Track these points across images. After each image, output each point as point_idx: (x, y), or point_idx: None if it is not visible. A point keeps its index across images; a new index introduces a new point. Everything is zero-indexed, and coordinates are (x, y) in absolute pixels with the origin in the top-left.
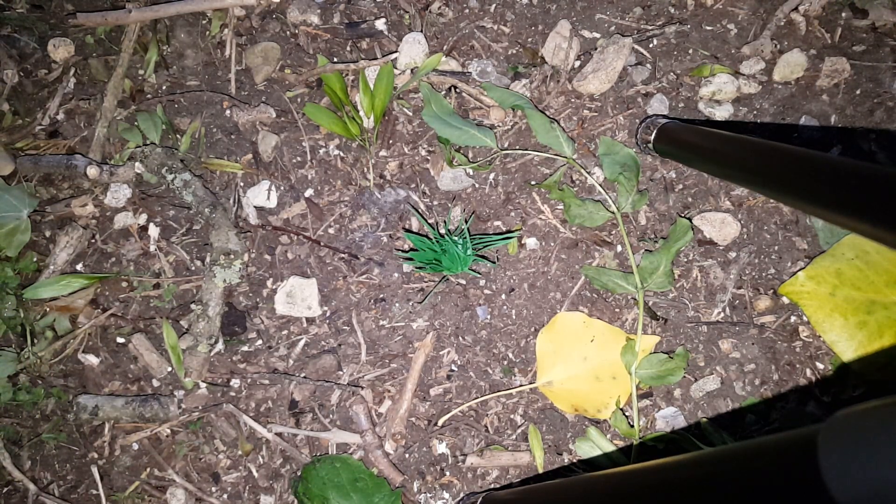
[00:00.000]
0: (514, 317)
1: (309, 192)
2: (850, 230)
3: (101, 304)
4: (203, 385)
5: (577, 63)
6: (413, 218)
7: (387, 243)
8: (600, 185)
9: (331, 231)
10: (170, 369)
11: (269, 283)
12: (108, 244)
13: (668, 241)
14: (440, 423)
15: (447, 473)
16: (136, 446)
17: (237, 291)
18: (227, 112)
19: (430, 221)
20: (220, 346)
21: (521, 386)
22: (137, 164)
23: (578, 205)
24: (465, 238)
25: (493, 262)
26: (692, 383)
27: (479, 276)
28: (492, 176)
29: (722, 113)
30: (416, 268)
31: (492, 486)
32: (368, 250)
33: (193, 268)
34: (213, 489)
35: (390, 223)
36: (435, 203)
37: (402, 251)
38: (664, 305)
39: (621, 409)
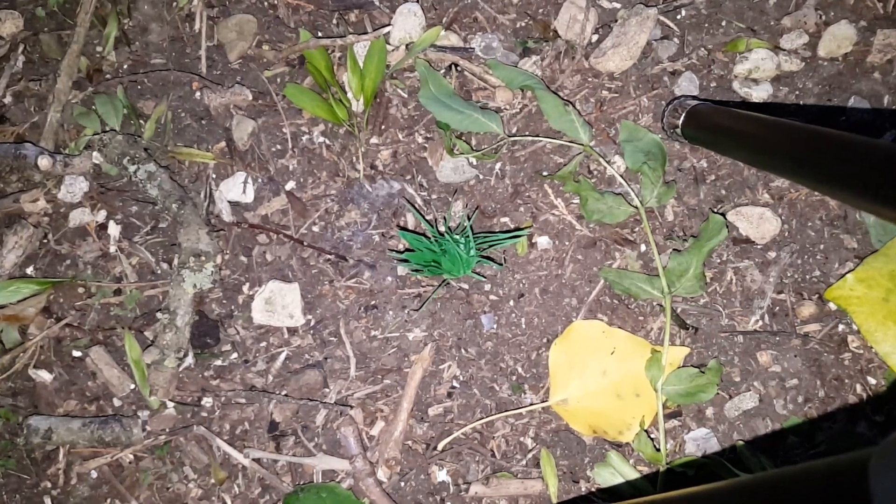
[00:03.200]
0: (523, 326)
1: (290, 185)
2: None
3: (54, 312)
4: (171, 405)
5: (595, 37)
6: (409, 214)
7: (379, 243)
8: (621, 176)
9: (315, 229)
10: (133, 387)
11: (245, 288)
12: (62, 245)
13: (699, 239)
14: (440, 446)
15: None
16: (94, 474)
17: (209, 298)
18: (197, 94)
19: (427, 218)
20: (189, 360)
21: (531, 405)
22: (95, 153)
23: (597, 198)
24: (468, 237)
25: (500, 265)
26: (726, 401)
27: (483, 279)
28: (498, 166)
29: (759, 93)
30: (413, 271)
31: None
32: (358, 251)
33: (159, 271)
34: None
35: (383, 220)
36: (433, 197)
37: (397, 252)
38: (694, 312)
39: (646, 431)
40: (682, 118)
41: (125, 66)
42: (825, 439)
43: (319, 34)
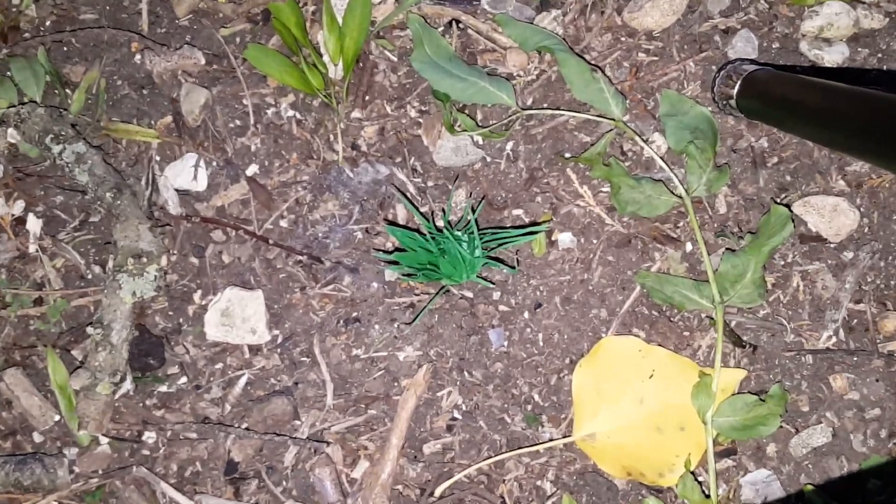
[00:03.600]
0: (541, 343)
1: (252, 170)
2: None
3: None
4: (104, 440)
5: None
6: (399, 205)
7: (362, 241)
8: (662, 159)
9: (283, 224)
10: (57, 418)
11: (196, 297)
12: None
13: (758, 236)
14: (438, 492)
15: None
16: None
17: (152, 309)
18: (138, 57)
19: (422, 210)
20: (128, 385)
21: (551, 440)
22: (11, 130)
23: (632, 186)
24: (472, 233)
25: (513, 268)
26: (792, 436)
27: (491, 286)
28: (509, 146)
29: (833, 56)
30: (404, 275)
31: None
32: (336, 251)
33: (90, 276)
34: None
35: (367, 213)
36: (430, 184)
37: (384, 252)
38: (752, 326)
39: (692, 473)
40: (737, 87)
41: (48, 23)
42: None
43: None
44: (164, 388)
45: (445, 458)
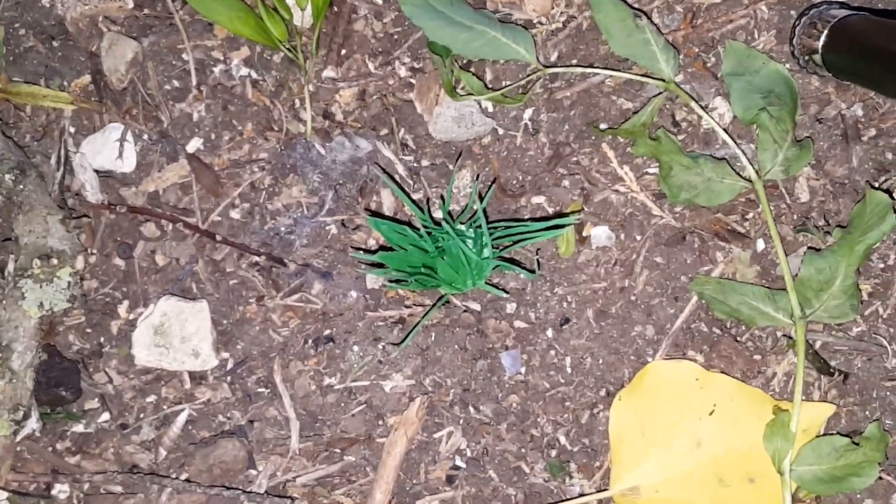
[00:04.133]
0: (568, 370)
1: (195, 145)
2: None
3: None
4: (3, 496)
5: None
6: (385, 191)
7: (336, 237)
8: (726, 131)
9: (235, 215)
10: None
11: (122, 309)
12: None
13: (851, 231)
14: None
15: None
16: None
17: (65, 325)
18: None
19: (415, 197)
20: (33, 423)
21: (582, 496)
22: None
23: (686, 166)
24: (481, 227)
25: (532, 272)
26: (894, 490)
27: (505, 296)
28: (528, 114)
29: None
30: (391, 282)
31: None
32: (304, 249)
33: None
34: None
35: (343, 201)
36: (425, 164)
37: (366, 251)
38: (843, 348)
39: None
40: (823, 37)
41: None
42: None
43: None
44: (80, 428)
45: None
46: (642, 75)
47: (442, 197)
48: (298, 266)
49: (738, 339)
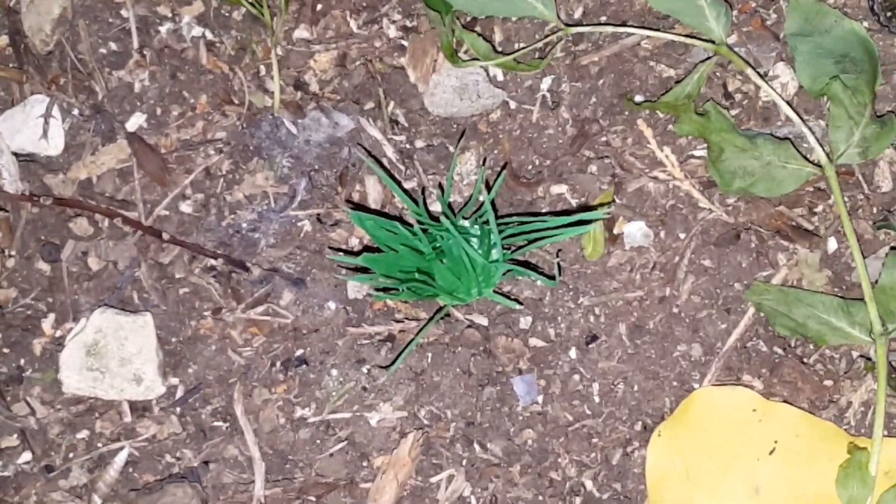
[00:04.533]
0: (596, 399)
1: (137, 122)
2: None
3: None
4: None
5: None
6: (370, 179)
7: (311, 235)
8: (789, 104)
9: (186, 209)
10: None
11: (46, 324)
12: None
13: None
14: None
15: None
16: None
17: None
18: None
19: (407, 186)
20: None
21: None
22: None
23: (741, 148)
24: (488, 223)
25: (551, 279)
26: None
27: (518, 307)
28: (547, 84)
29: None
30: (378, 291)
31: None
32: (270, 251)
33: None
34: None
35: (319, 191)
36: (419, 145)
37: (347, 253)
38: None
39: None
40: None
41: None
42: None
43: None
44: None
45: None
46: (687, 36)
47: (441, 186)
48: (264, 271)
49: (805, 360)
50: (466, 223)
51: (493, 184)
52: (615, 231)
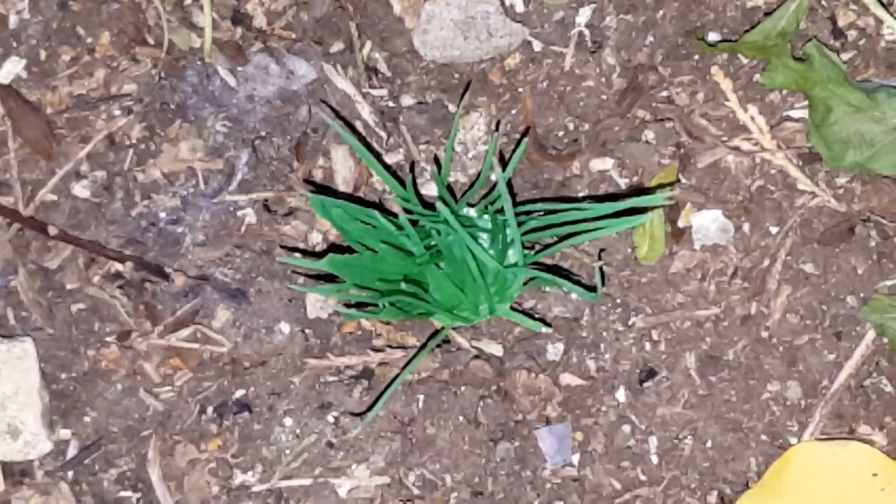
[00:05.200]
0: (652, 458)
1: (12, 70)
2: None
3: None
4: None
5: None
6: (338, 151)
7: (255, 229)
8: None
9: (81, 192)
10: None
11: None
12: None
13: None
14: None
15: None
16: None
17: None
18: None
19: (389, 161)
20: None
21: None
22: None
23: (855, 107)
24: (503, 212)
25: (592, 291)
26: None
27: (544, 331)
28: (584, 17)
29: None
30: (348, 307)
31: None
32: (199, 251)
33: None
34: None
35: (266, 166)
36: (407, 102)
37: (305, 254)
38: None
39: None
40: None
41: None
42: None
43: None
44: None
45: None
46: None
47: (437, 160)
48: (190, 280)
49: None
50: (473, 212)
51: (511, 158)
52: (680, 224)
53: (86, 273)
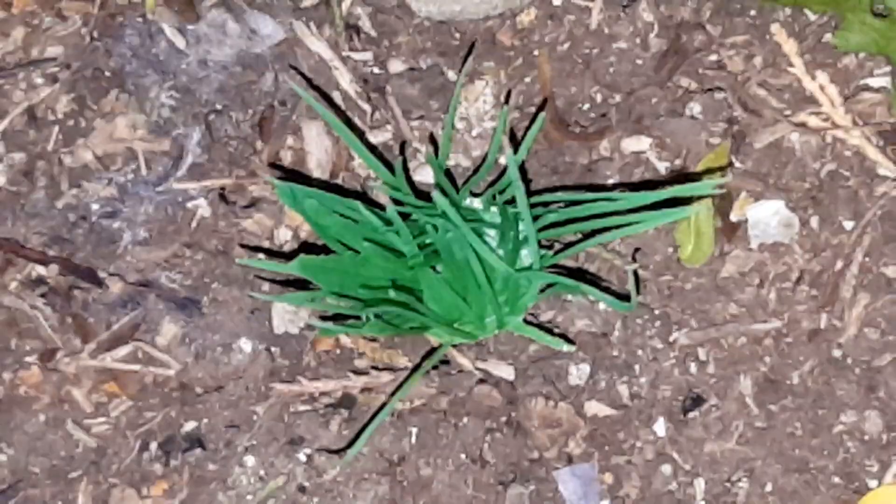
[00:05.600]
0: (699, 503)
1: None
2: None
3: None
4: None
5: None
6: (311, 127)
7: (210, 224)
8: None
9: None
10: None
11: None
12: None
13: None
14: None
15: None
16: None
17: None
18: None
19: (375, 141)
20: None
21: None
22: None
23: None
24: (515, 203)
25: (625, 300)
26: None
27: (565, 349)
28: None
29: None
30: (322, 320)
31: None
32: (140, 251)
33: None
34: None
35: (223, 147)
36: (396, 68)
37: (271, 255)
38: None
39: None
40: None
41: None
42: None
43: None
44: None
45: None
46: None
47: (433, 139)
48: (129, 286)
49: None
50: (477, 203)
51: (525, 136)
52: (733, 218)
53: (0, 278)
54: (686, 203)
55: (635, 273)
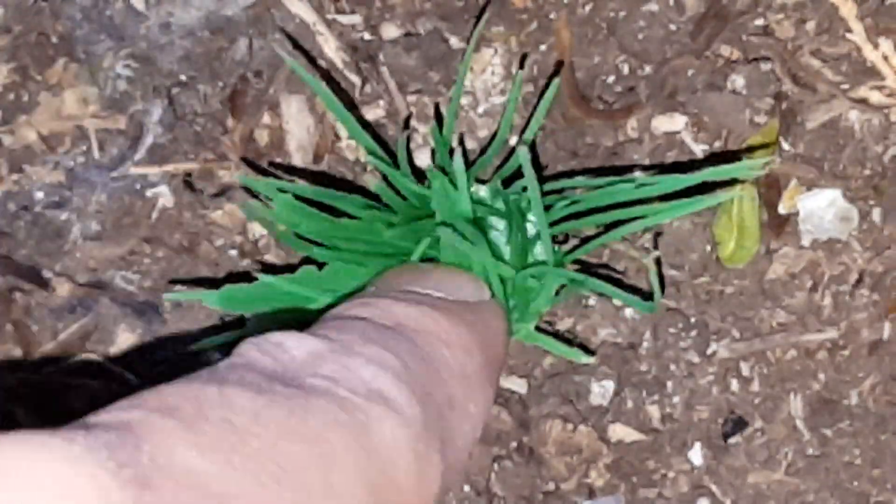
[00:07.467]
0: None
1: None
2: None
3: None
4: None
5: None
6: (292, 102)
7: (172, 216)
8: None
9: None
10: None
11: None
12: None
13: None
14: None
15: None
16: None
17: None
18: None
19: (368, 118)
20: None
21: None
22: None
23: None
24: (528, 190)
25: (648, 302)
26: None
27: (586, 361)
28: None
29: None
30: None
31: None
32: (91, 247)
33: None
34: None
35: (189, 126)
36: (390, 34)
37: (244, 256)
38: None
39: None
40: None
41: None
42: None
43: None
44: None
45: None
46: None
47: (437, 114)
48: (79, 289)
49: None
50: (484, 191)
51: (537, 111)
52: (782, 209)
53: None
54: (727, 190)
55: (658, 262)
